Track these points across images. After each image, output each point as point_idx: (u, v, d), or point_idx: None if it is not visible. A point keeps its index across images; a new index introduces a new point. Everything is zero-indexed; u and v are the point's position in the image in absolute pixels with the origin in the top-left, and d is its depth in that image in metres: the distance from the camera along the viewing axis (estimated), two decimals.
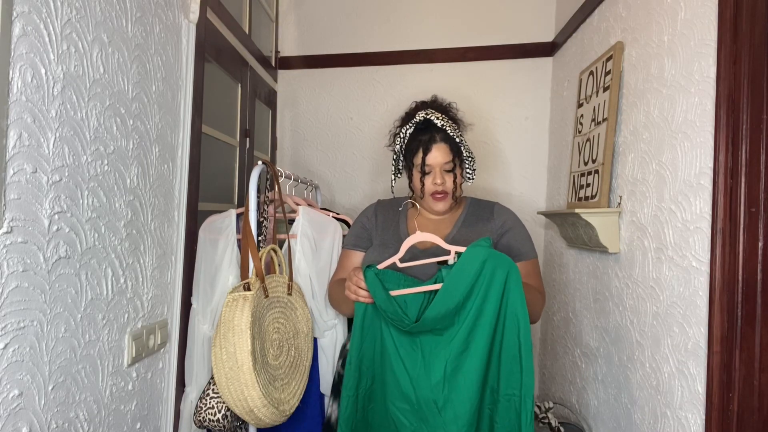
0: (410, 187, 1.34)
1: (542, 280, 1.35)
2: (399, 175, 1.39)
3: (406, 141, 1.30)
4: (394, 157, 1.35)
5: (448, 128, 1.25)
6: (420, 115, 1.28)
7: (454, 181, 1.28)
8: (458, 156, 1.27)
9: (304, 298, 1.40)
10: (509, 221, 1.30)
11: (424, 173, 1.26)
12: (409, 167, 1.31)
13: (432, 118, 1.26)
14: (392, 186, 1.41)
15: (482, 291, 1.09)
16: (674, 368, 1.12)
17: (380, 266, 1.16)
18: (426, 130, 1.27)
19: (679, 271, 1.11)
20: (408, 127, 1.29)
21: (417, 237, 1.17)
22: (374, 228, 1.37)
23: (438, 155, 1.24)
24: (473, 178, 1.33)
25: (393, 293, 1.13)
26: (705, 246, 1.02)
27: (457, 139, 1.27)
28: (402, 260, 1.17)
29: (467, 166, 1.31)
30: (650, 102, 1.28)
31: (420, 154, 1.25)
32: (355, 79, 2.43)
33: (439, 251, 1.19)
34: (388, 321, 1.15)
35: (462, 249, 1.12)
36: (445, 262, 1.16)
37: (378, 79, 2.41)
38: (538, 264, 1.32)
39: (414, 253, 1.21)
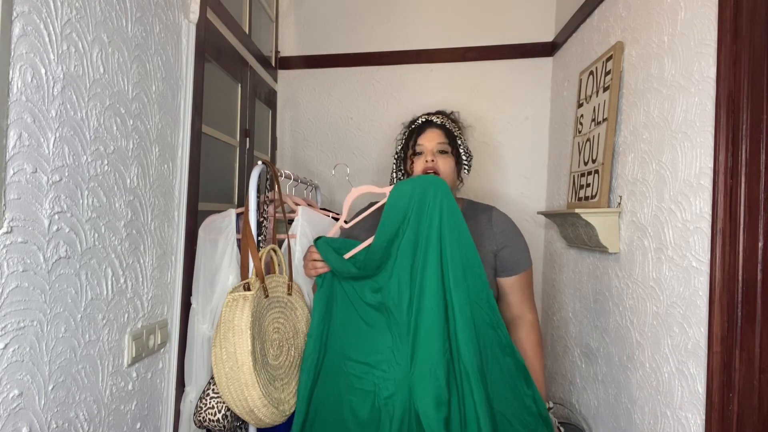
0: (406, 172, 1.37)
1: (533, 291, 1.36)
2: (401, 178, 1.39)
3: (405, 139, 1.35)
4: (395, 159, 1.39)
5: (446, 123, 1.32)
6: (422, 118, 1.35)
7: (455, 165, 1.31)
8: (453, 144, 1.31)
9: (303, 298, 1.40)
10: (508, 230, 1.31)
11: (416, 153, 1.31)
12: (405, 158, 1.35)
13: (432, 118, 1.34)
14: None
15: (415, 214, 1.13)
16: (674, 368, 1.12)
17: (329, 234, 1.27)
18: (424, 124, 1.34)
19: (679, 271, 1.11)
20: (410, 127, 1.36)
21: (353, 193, 1.26)
22: (358, 231, 1.37)
23: (431, 136, 1.30)
24: (468, 172, 1.36)
25: (347, 256, 1.20)
26: (705, 246, 1.02)
27: (454, 131, 1.32)
28: (347, 221, 1.29)
29: (464, 160, 1.34)
30: (650, 102, 1.28)
31: (414, 137, 1.32)
32: (355, 79, 2.43)
33: None
34: (346, 285, 1.22)
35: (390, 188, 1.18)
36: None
37: (378, 79, 2.41)
38: (532, 273, 1.35)
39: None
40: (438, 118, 1.33)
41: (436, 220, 1.12)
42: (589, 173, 1.56)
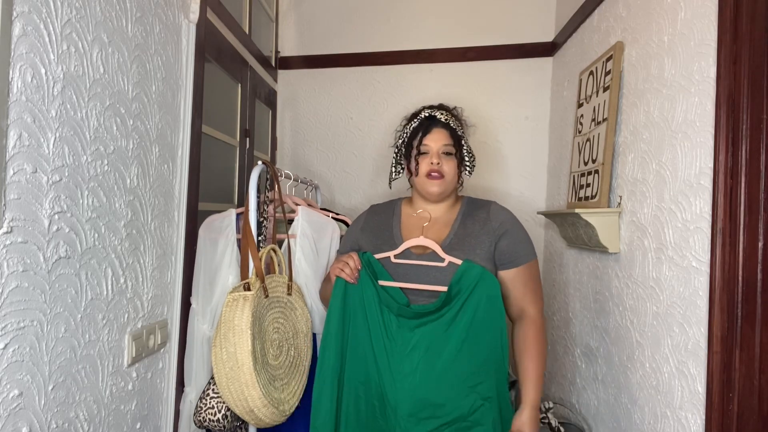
0: (408, 170, 1.34)
1: (541, 282, 1.32)
2: (400, 172, 1.38)
3: (408, 134, 1.32)
4: (396, 152, 1.36)
5: (450, 122, 1.29)
6: (425, 113, 1.32)
7: (457, 167, 1.29)
8: (458, 146, 1.29)
9: (303, 298, 1.40)
10: (507, 222, 1.28)
11: (420, 153, 1.28)
12: (408, 154, 1.32)
13: (436, 114, 1.30)
14: (390, 181, 1.39)
15: (467, 304, 1.18)
16: (674, 368, 1.12)
17: (378, 256, 1.26)
18: (428, 121, 1.31)
19: (679, 271, 1.11)
20: (413, 122, 1.32)
21: (418, 241, 1.24)
22: (363, 237, 1.36)
23: (437, 137, 1.27)
24: (471, 174, 1.34)
25: (381, 283, 1.23)
26: (705, 246, 1.02)
27: (459, 132, 1.30)
28: (397, 257, 1.26)
29: (467, 161, 1.32)
30: (650, 102, 1.28)
31: (419, 136, 1.29)
32: (355, 79, 2.43)
33: (433, 258, 1.23)
34: (378, 307, 1.23)
35: (457, 261, 1.20)
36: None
37: (378, 79, 2.41)
38: (537, 265, 1.30)
39: (408, 255, 1.27)
40: (443, 114, 1.30)
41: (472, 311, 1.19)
42: (589, 173, 1.56)
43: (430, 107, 1.35)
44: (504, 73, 2.30)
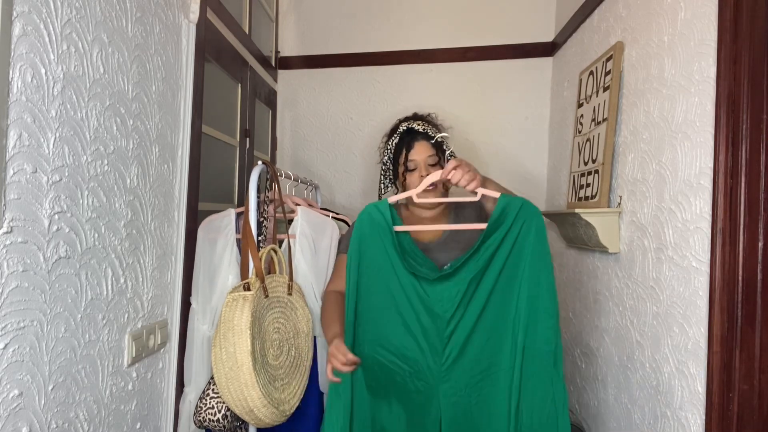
0: (397, 186, 1.42)
1: None
2: (388, 188, 1.44)
3: (393, 151, 1.39)
4: (383, 169, 1.43)
5: (428, 130, 1.36)
6: (403, 126, 1.39)
7: None
8: (441, 153, 1.36)
9: (304, 298, 1.40)
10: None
11: (408, 169, 1.34)
12: (397, 171, 1.39)
13: (413, 126, 1.37)
14: (380, 197, 1.44)
15: (508, 235, 1.13)
16: (674, 368, 1.12)
17: (392, 199, 1.21)
18: (408, 135, 1.37)
19: (679, 271, 1.11)
20: (393, 138, 1.39)
21: (438, 175, 1.17)
22: None
23: (420, 150, 1.34)
24: None
25: (397, 228, 1.18)
26: (705, 246, 1.02)
27: (438, 139, 1.36)
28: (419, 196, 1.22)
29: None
30: (650, 102, 1.28)
31: (404, 153, 1.35)
32: (355, 79, 2.43)
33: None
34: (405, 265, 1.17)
35: (495, 194, 1.14)
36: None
37: (378, 79, 2.41)
38: None
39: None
40: (419, 125, 1.36)
41: (528, 255, 1.13)
42: (589, 173, 1.56)
43: (406, 119, 1.42)
44: (504, 73, 2.30)
